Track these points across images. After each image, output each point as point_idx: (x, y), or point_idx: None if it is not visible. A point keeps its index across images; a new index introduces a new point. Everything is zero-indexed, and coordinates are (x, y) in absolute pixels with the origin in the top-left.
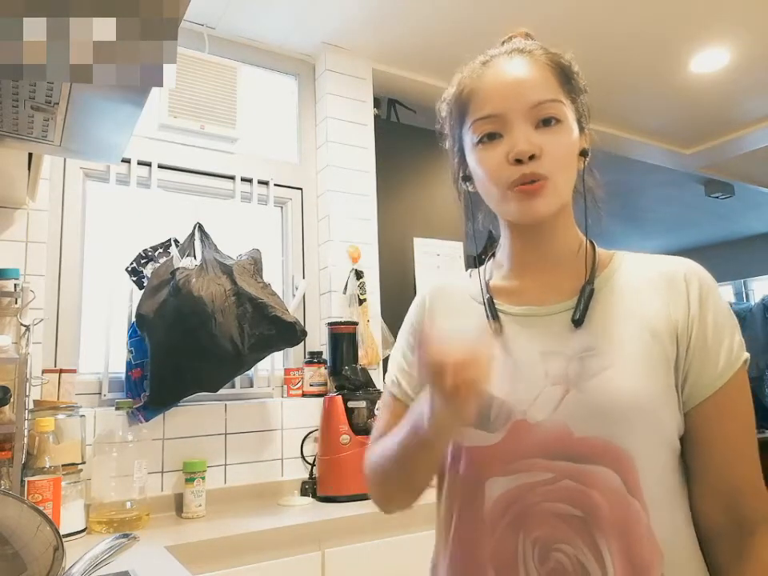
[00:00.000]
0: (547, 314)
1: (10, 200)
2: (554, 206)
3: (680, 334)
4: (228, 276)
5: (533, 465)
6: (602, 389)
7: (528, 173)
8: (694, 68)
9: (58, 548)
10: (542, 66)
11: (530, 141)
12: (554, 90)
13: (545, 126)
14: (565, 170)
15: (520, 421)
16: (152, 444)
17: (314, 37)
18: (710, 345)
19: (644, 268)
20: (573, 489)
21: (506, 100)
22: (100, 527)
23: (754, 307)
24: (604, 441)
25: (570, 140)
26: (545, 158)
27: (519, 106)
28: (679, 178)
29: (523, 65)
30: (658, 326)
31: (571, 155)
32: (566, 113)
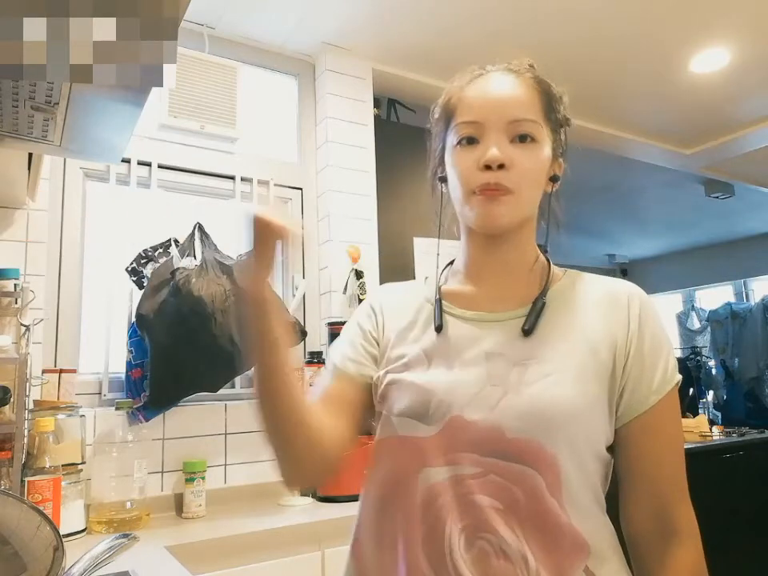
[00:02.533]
0: (496, 321)
1: (10, 200)
2: (514, 218)
3: (618, 350)
4: (228, 276)
5: (465, 459)
6: (539, 396)
7: (493, 182)
8: (694, 68)
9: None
10: (530, 89)
11: (501, 150)
12: (534, 112)
13: (520, 141)
14: (530, 187)
15: (456, 417)
16: (152, 444)
17: (314, 37)
18: (647, 363)
19: (592, 287)
20: (498, 483)
21: (489, 111)
22: (100, 527)
23: (754, 307)
24: (533, 443)
25: (541, 159)
26: (513, 171)
27: (499, 118)
28: (679, 178)
29: (512, 84)
30: (598, 342)
31: (539, 173)
32: (542, 135)
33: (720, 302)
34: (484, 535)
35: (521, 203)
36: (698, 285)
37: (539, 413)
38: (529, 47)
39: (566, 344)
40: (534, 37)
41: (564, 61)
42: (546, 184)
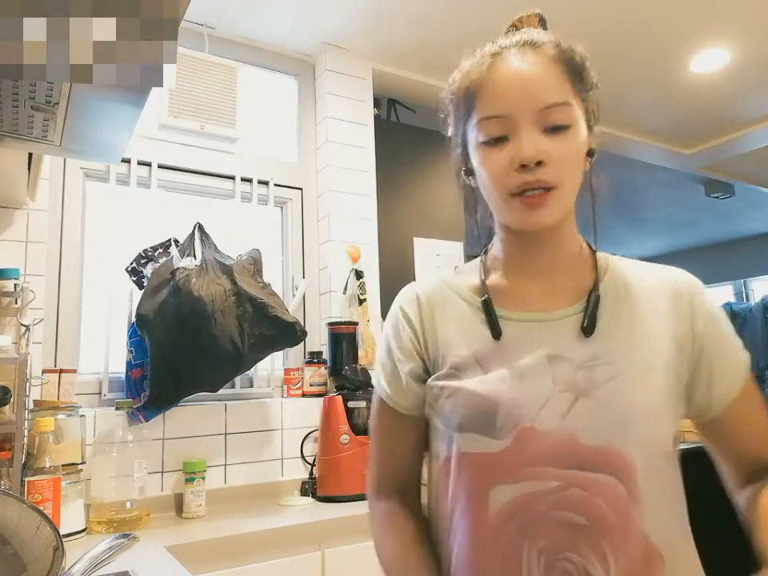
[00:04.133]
0: (551, 320)
1: (10, 200)
2: (559, 214)
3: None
4: (228, 276)
5: (540, 473)
6: (612, 398)
7: (533, 180)
8: (694, 68)
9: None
10: (553, 64)
11: (536, 146)
12: (564, 91)
13: (554, 131)
14: (572, 178)
15: (528, 428)
16: (152, 444)
17: (314, 37)
18: (726, 350)
19: (645, 275)
20: (579, 497)
21: (515, 100)
22: (100, 527)
23: (754, 307)
24: (611, 449)
25: (579, 145)
26: (552, 165)
27: (528, 109)
28: (679, 178)
29: (534, 62)
30: (660, 335)
31: (579, 161)
32: (576, 116)
33: (720, 302)
34: (567, 555)
35: (564, 197)
36: None
37: (614, 416)
38: None
39: (629, 340)
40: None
41: None
42: (584, 162)
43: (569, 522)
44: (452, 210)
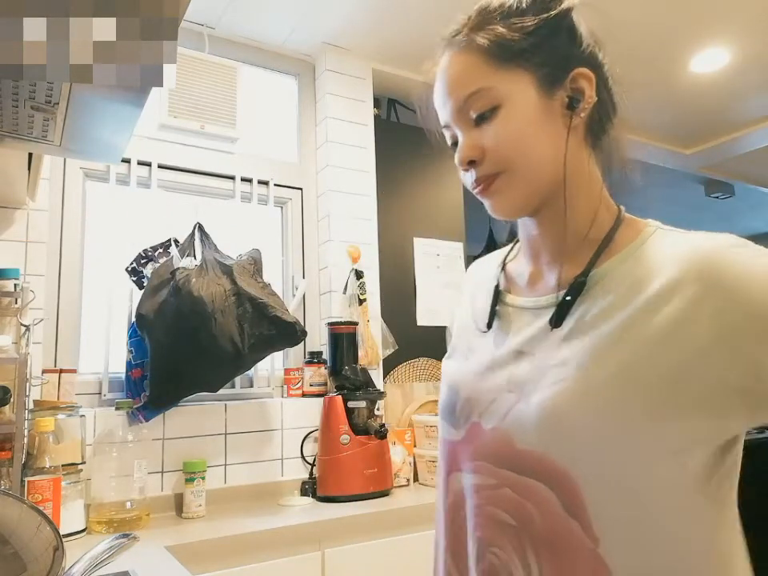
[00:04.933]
0: (533, 308)
1: (10, 200)
2: (519, 198)
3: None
4: (228, 276)
5: (481, 468)
6: (544, 405)
7: (475, 178)
8: (694, 68)
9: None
10: (467, 51)
11: (468, 145)
12: (478, 76)
13: (482, 120)
14: (521, 156)
15: (476, 423)
16: (152, 444)
17: (314, 37)
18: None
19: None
20: (510, 498)
21: (445, 108)
22: (100, 527)
23: None
24: (544, 457)
25: (518, 120)
26: (488, 157)
27: (454, 112)
28: (679, 178)
29: (451, 62)
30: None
31: (525, 136)
32: (501, 93)
33: None
34: (494, 550)
35: (517, 180)
36: None
37: (547, 424)
38: None
39: (603, 341)
40: None
41: None
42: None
43: (500, 519)
44: (452, 209)
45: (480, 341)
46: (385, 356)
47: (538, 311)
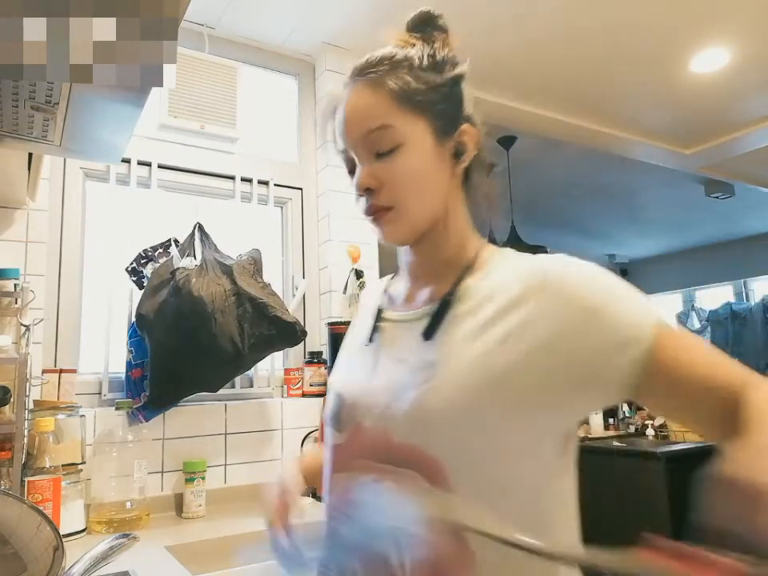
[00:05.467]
0: (409, 320)
1: (10, 200)
2: (407, 229)
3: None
4: (228, 276)
5: (362, 465)
6: (416, 400)
7: (368, 206)
8: (694, 68)
9: (58, 548)
10: (376, 89)
11: (368, 174)
12: (384, 114)
13: (383, 155)
14: (414, 193)
15: (357, 424)
16: (152, 444)
17: (314, 37)
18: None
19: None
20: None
21: (346, 136)
22: (100, 527)
23: (754, 307)
24: (415, 448)
25: (412, 159)
26: (385, 189)
27: (355, 140)
28: (679, 178)
29: (359, 94)
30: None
31: (416, 174)
32: (403, 133)
33: (720, 301)
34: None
35: (408, 214)
36: (698, 285)
37: (416, 418)
38: (527, 46)
39: (464, 344)
40: (533, 35)
41: (564, 60)
42: (446, 166)
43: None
44: None
45: (363, 355)
46: None
47: (411, 323)
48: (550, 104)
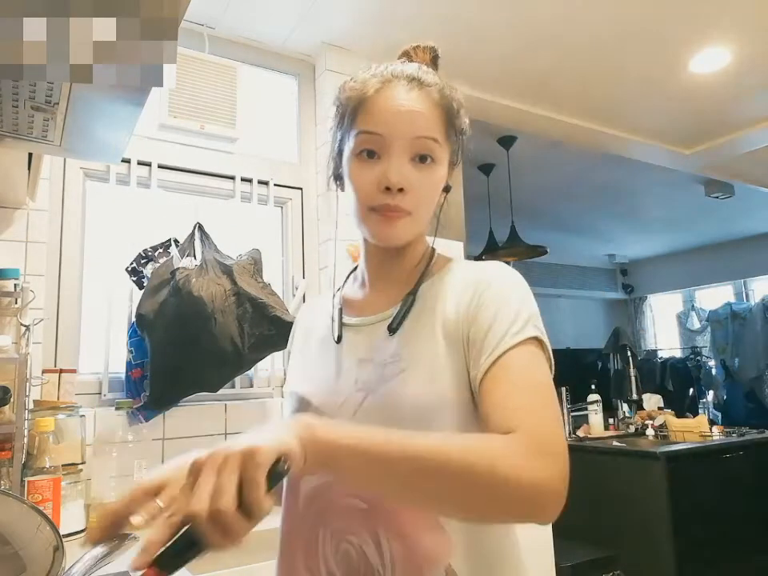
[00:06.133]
0: (372, 323)
1: (10, 200)
2: (410, 236)
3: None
4: (228, 276)
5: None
6: (391, 393)
7: (393, 204)
8: (693, 68)
9: (58, 548)
10: (434, 104)
11: (402, 173)
12: (437, 129)
13: (420, 161)
14: (427, 207)
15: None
16: (152, 444)
17: (314, 37)
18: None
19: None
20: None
21: (393, 125)
22: None
23: (754, 307)
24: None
25: (438, 179)
26: (412, 193)
27: (403, 134)
28: (679, 178)
29: (417, 98)
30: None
31: (435, 193)
32: (442, 153)
33: (720, 301)
34: (348, 537)
35: (417, 223)
36: (698, 285)
37: (391, 411)
38: (527, 46)
39: (424, 339)
40: (533, 36)
41: (563, 61)
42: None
43: (353, 506)
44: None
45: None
46: None
47: (373, 326)
48: (549, 104)
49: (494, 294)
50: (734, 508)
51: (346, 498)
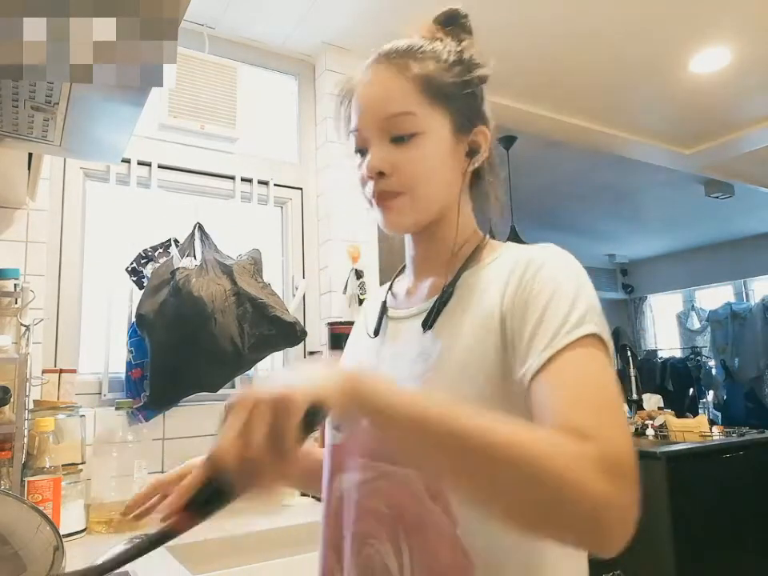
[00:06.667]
0: (410, 316)
1: (10, 200)
2: (415, 218)
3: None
4: (228, 276)
5: (360, 464)
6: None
7: (378, 190)
8: (693, 68)
9: (58, 548)
10: (403, 75)
11: (379, 157)
12: (407, 101)
13: (400, 141)
14: (425, 183)
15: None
16: (152, 444)
17: (314, 37)
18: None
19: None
20: (385, 488)
21: (363, 115)
22: (100, 527)
23: (754, 307)
24: None
25: (430, 150)
26: (397, 175)
27: (373, 121)
28: (679, 178)
29: (382, 74)
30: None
31: (432, 165)
32: (425, 123)
33: (720, 301)
34: (371, 541)
35: (417, 202)
36: (697, 285)
37: None
38: (527, 46)
39: (458, 335)
40: (532, 35)
41: (564, 61)
42: (459, 163)
43: (376, 510)
44: None
45: (365, 352)
46: None
47: (412, 319)
48: (550, 104)
49: (545, 279)
50: (733, 508)
51: (370, 499)
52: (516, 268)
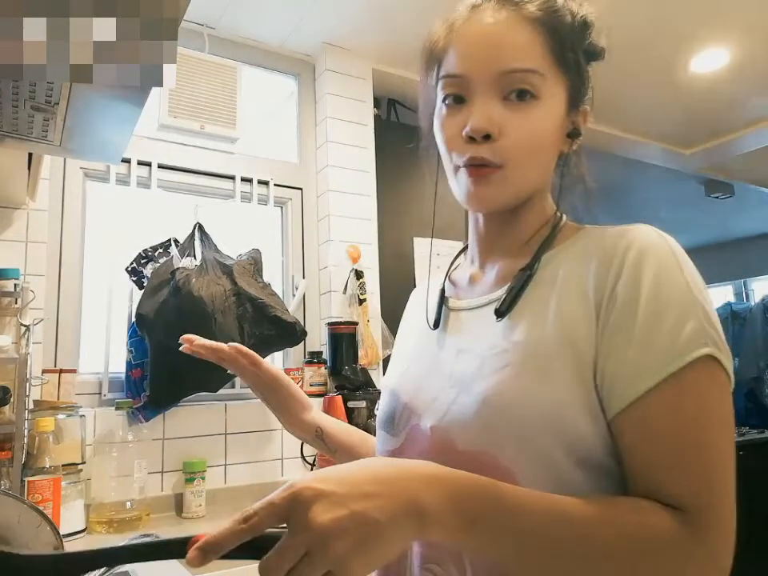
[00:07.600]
0: (478, 306)
1: (10, 200)
2: (506, 197)
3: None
4: (228, 276)
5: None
6: (487, 393)
7: (477, 156)
8: (694, 68)
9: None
10: (530, 25)
11: (488, 116)
12: (535, 56)
13: (518, 99)
14: (528, 158)
15: (415, 426)
16: (152, 444)
17: (314, 37)
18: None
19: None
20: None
21: (475, 61)
22: (100, 527)
23: (754, 307)
24: (485, 454)
25: (545, 121)
26: (503, 141)
27: (486, 72)
28: (679, 177)
29: (507, 20)
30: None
31: (541, 139)
32: (547, 87)
33: (720, 301)
34: (430, 566)
35: (515, 180)
36: None
37: (487, 418)
38: None
39: (539, 326)
40: None
41: None
42: (561, 143)
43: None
44: (452, 209)
45: (422, 346)
46: (385, 356)
47: (478, 310)
48: None
49: (649, 273)
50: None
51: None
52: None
